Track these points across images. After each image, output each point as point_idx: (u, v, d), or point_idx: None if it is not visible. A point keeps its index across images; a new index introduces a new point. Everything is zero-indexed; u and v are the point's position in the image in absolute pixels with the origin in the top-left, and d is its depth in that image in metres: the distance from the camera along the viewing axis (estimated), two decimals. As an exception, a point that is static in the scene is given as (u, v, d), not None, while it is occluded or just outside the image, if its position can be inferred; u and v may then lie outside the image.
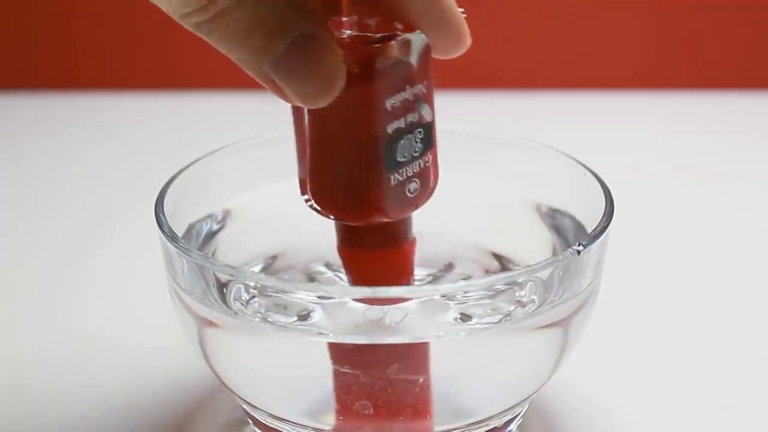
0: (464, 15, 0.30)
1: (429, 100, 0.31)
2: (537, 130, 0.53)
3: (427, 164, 0.31)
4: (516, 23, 0.67)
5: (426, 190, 0.32)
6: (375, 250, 0.32)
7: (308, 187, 0.31)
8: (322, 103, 0.28)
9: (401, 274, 0.33)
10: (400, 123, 0.30)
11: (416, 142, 0.31)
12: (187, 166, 0.36)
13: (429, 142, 0.31)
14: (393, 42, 0.30)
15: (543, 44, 0.68)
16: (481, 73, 0.65)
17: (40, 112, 0.66)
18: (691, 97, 0.68)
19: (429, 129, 0.31)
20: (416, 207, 0.32)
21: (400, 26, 0.30)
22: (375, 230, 0.32)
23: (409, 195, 0.31)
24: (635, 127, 0.64)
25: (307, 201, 0.32)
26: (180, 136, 0.62)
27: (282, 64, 0.27)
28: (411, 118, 0.30)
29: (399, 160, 0.30)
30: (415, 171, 0.31)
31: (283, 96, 0.28)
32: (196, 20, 0.27)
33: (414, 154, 0.31)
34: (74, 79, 0.69)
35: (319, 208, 0.31)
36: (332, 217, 0.31)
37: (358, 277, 0.33)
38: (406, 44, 0.30)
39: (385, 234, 0.32)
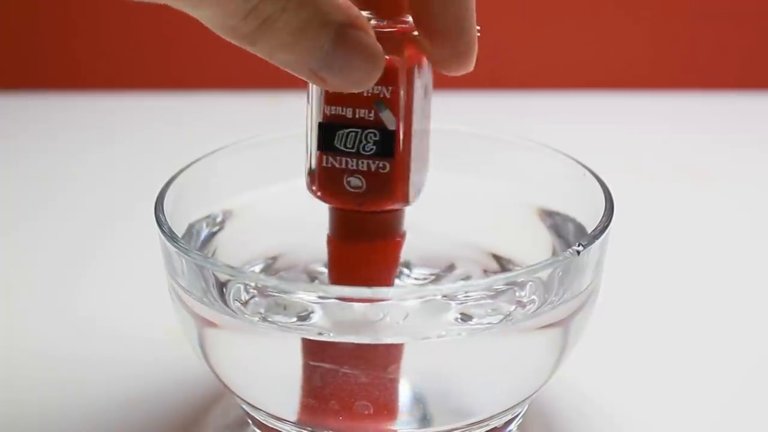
0: (479, 33, 0.30)
1: (395, 109, 0.31)
2: (536, 130, 0.53)
3: (381, 171, 0.31)
4: (516, 23, 0.67)
5: (378, 197, 0.31)
6: (358, 242, 0.32)
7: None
8: (369, 85, 0.29)
9: (382, 270, 0.33)
10: (345, 112, 0.31)
11: (366, 141, 0.31)
12: (187, 166, 0.36)
13: (388, 150, 0.31)
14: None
15: (543, 44, 0.68)
16: (480, 73, 0.65)
17: (40, 112, 0.66)
18: (691, 97, 0.68)
19: (389, 138, 0.31)
20: (358, 206, 0.32)
21: (408, 23, 0.31)
22: (359, 220, 0.32)
23: (347, 188, 0.31)
24: (635, 127, 0.64)
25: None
26: (180, 136, 0.62)
27: (328, 60, 0.28)
28: (362, 113, 0.31)
29: (336, 146, 0.31)
30: (360, 168, 0.31)
31: (328, 86, 0.28)
32: (239, 33, 0.27)
33: (362, 152, 0.31)
34: (74, 79, 0.69)
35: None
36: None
37: (337, 268, 0.33)
38: (389, 43, 0.30)
39: (368, 226, 0.32)
